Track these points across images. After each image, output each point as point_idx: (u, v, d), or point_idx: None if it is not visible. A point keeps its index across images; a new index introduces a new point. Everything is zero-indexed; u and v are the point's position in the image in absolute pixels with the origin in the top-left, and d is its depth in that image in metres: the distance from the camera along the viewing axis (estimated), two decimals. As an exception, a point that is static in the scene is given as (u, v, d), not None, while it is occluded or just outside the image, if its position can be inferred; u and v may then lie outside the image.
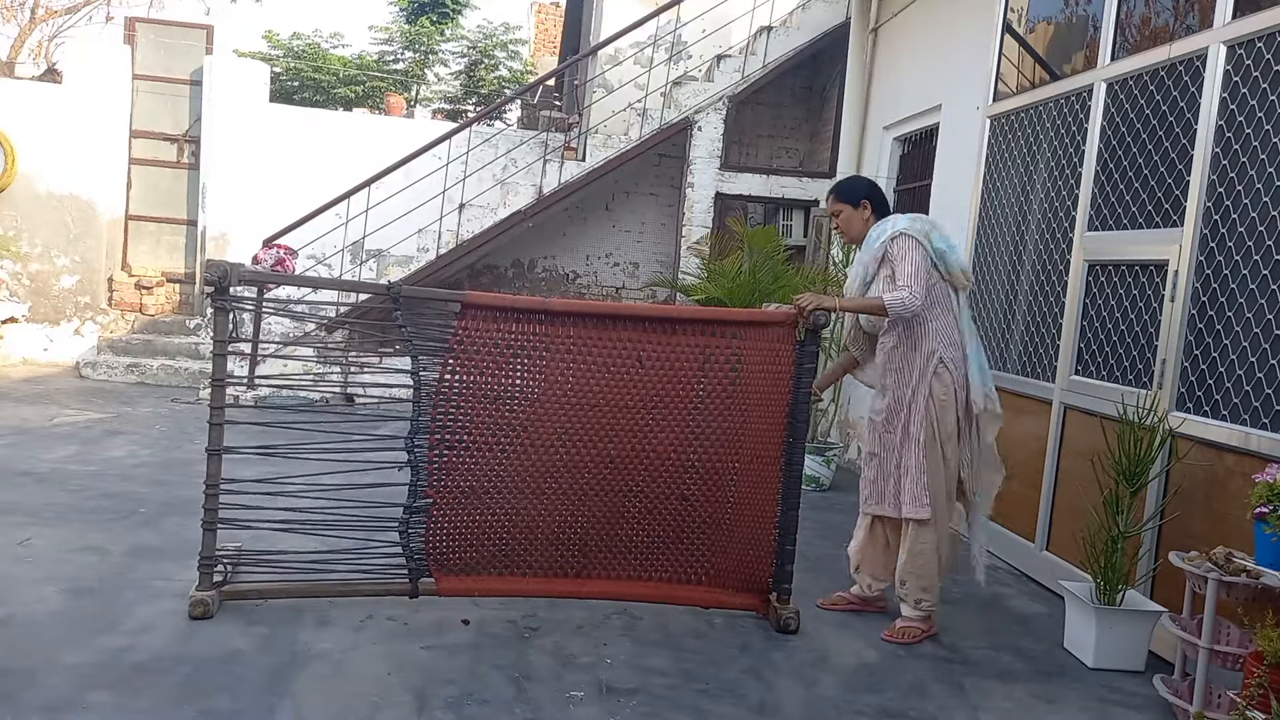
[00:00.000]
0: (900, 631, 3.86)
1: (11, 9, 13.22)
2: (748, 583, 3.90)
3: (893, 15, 7.43)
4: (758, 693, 3.26)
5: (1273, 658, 2.73)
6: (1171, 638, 3.43)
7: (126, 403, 7.73)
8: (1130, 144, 4.36)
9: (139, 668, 3.06)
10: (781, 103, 10.23)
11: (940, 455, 3.82)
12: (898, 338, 3.86)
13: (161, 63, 9.91)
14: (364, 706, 2.93)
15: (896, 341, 3.87)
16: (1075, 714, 3.32)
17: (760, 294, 7.11)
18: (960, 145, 6.07)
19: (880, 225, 3.93)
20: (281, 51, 18.43)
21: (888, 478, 3.92)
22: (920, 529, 3.83)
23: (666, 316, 3.83)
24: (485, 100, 18.47)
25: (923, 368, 3.82)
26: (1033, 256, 5.08)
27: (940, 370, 3.80)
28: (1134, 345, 4.20)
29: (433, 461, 3.58)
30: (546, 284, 10.09)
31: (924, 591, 3.86)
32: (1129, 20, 4.54)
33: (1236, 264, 3.64)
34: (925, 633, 3.88)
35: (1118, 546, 3.69)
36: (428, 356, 3.54)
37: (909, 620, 3.88)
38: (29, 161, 9.35)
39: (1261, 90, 3.59)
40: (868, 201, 4.02)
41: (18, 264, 9.45)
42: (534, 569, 3.76)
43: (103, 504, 4.82)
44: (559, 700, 3.09)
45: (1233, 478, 3.56)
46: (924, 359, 3.82)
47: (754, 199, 9.23)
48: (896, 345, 3.87)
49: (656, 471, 3.73)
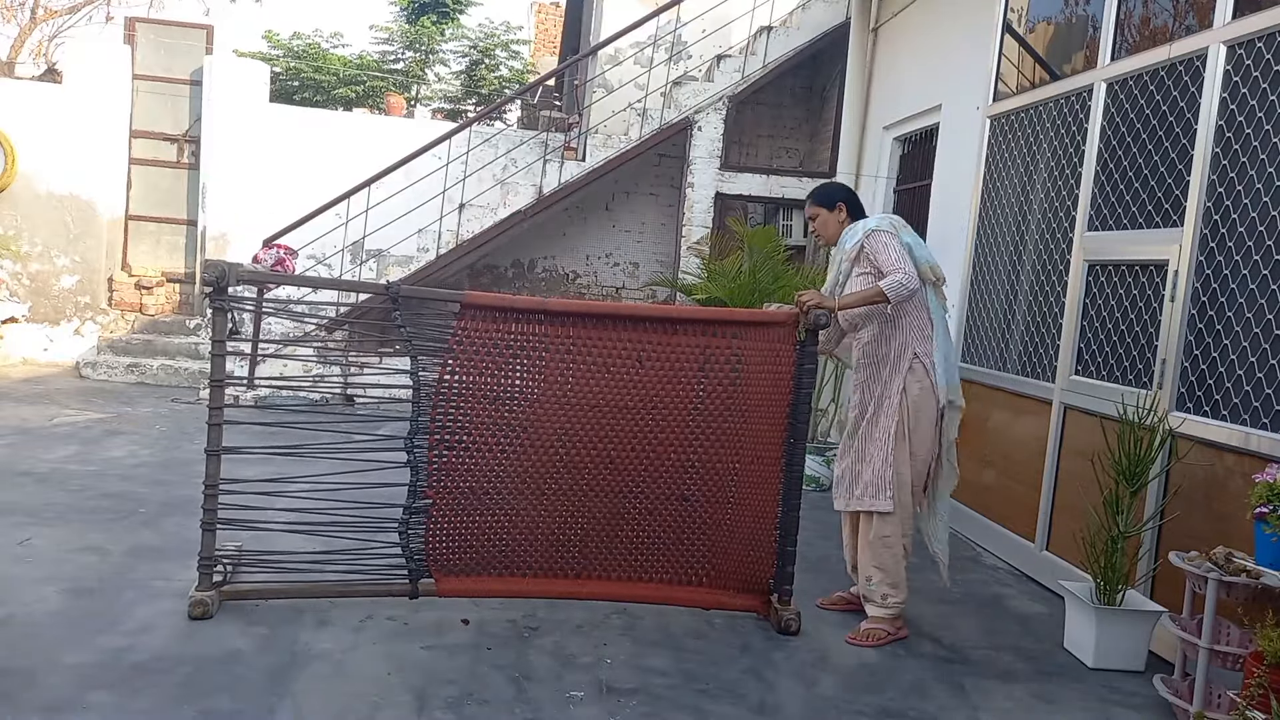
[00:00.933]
0: (865, 634, 3.82)
1: (11, 9, 13.22)
2: (748, 584, 3.90)
3: (893, 15, 7.43)
4: (758, 693, 3.26)
5: (1273, 658, 2.73)
6: (1171, 638, 3.43)
7: (126, 403, 7.73)
8: (1130, 144, 4.36)
9: (139, 668, 3.06)
10: (781, 103, 10.23)
11: (909, 450, 3.82)
12: (873, 333, 3.89)
13: (161, 63, 9.91)
14: (364, 706, 2.93)
15: (872, 337, 3.90)
16: (1075, 714, 3.32)
17: (760, 294, 7.11)
18: (960, 145, 6.07)
19: (854, 226, 4.03)
20: (281, 51, 18.44)
21: (854, 472, 3.93)
22: (883, 521, 3.82)
23: (666, 316, 3.83)
24: (485, 100, 18.48)
25: (895, 362, 3.85)
26: (1033, 256, 5.08)
27: (915, 366, 3.82)
28: (1134, 345, 4.19)
29: (432, 462, 3.58)
30: (546, 284, 10.09)
31: (891, 588, 3.83)
32: (1129, 20, 4.54)
33: (1236, 264, 3.64)
34: (892, 635, 3.82)
35: (1118, 546, 3.69)
36: (427, 357, 3.54)
37: (875, 621, 3.85)
38: (29, 161, 9.35)
39: (1261, 90, 3.59)
40: (843, 205, 4.12)
41: (18, 264, 9.45)
42: (534, 569, 3.76)
43: (103, 504, 4.82)
44: (559, 700, 3.09)
45: (1233, 478, 3.56)
46: (897, 354, 3.84)
47: (754, 199, 9.23)
48: (872, 340, 3.90)
49: (656, 472, 3.72)
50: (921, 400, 3.82)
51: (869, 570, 3.87)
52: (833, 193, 4.20)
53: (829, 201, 4.15)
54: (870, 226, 3.92)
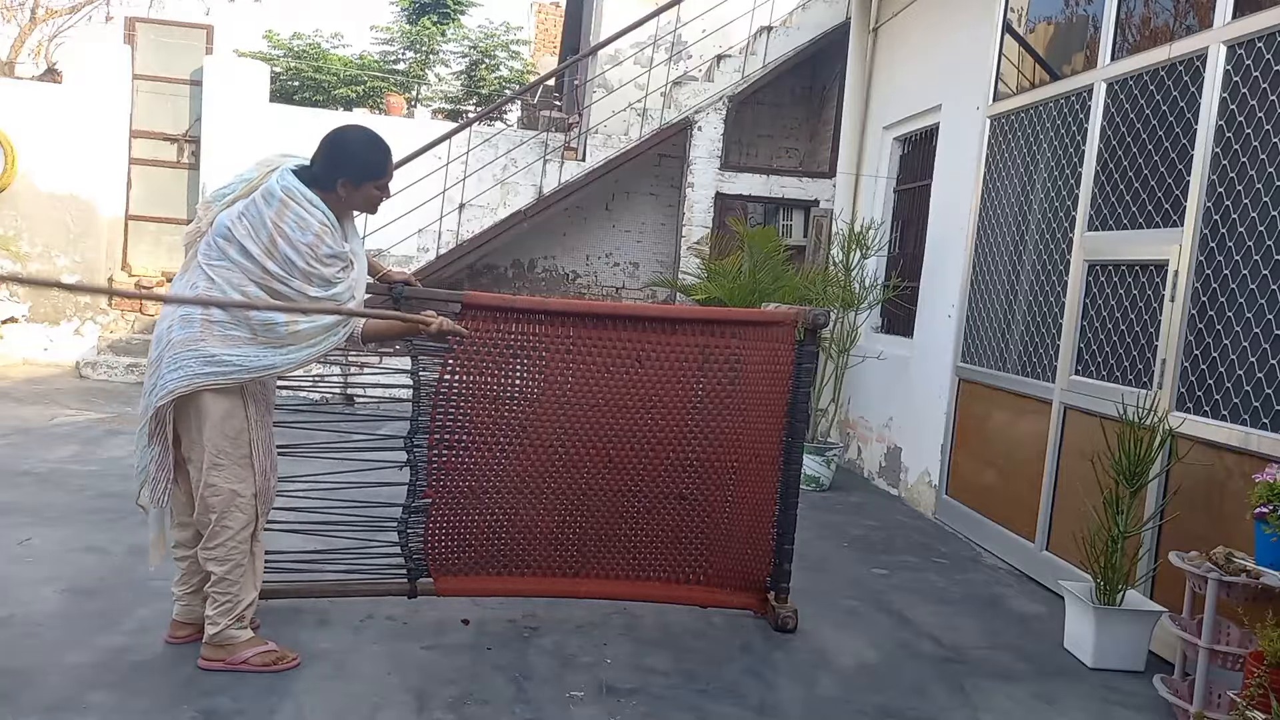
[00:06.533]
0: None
1: (11, 9, 13.22)
2: (746, 582, 3.90)
3: (893, 15, 7.43)
4: (758, 693, 3.26)
5: (1273, 658, 2.73)
6: (1171, 638, 3.43)
7: (126, 403, 7.72)
8: (1130, 144, 4.35)
9: (139, 668, 3.06)
10: (781, 103, 10.23)
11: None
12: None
13: (161, 63, 9.91)
14: (364, 706, 2.93)
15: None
16: (1075, 714, 3.32)
17: (760, 294, 7.11)
18: (960, 145, 6.06)
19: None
20: (282, 51, 18.42)
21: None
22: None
23: (666, 316, 3.82)
24: (486, 100, 18.47)
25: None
26: (1033, 256, 5.08)
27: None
28: (1134, 345, 4.19)
29: (432, 461, 3.58)
30: (546, 284, 10.09)
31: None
32: (1129, 20, 4.54)
33: (1236, 264, 3.64)
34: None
35: (1118, 546, 3.69)
36: (427, 356, 3.54)
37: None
38: (29, 161, 9.34)
39: (1261, 90, 3.59)
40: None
41: (18, 264, 9.45)
42: (533, 569, 3.76)
43: (103, 504, 4.82)
44: (559, 700, 3.09)
45: (1233, 478, 3.56)
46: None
47: (754, 199, 9.23)
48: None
49: (655, 471, 3.72)
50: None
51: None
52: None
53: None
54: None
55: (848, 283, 6.76)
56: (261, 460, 3.13)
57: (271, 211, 2.98)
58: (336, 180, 3.09)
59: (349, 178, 3.11)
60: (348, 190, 3.12)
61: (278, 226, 2.97)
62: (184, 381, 2.94)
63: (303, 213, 3.00)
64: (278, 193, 3.00)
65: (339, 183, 3.10)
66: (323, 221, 3.03)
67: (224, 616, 3.08)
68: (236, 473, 3.06)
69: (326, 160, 3.12)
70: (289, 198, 2.99)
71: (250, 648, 3.11)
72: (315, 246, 3.00)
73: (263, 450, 3.14)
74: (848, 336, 6.83)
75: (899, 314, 6.94)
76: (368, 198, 3.19)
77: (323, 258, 3.02)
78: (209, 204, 3.11)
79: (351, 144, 3.18)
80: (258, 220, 2.98)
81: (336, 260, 3.07)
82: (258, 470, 3.11)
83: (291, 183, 3.02)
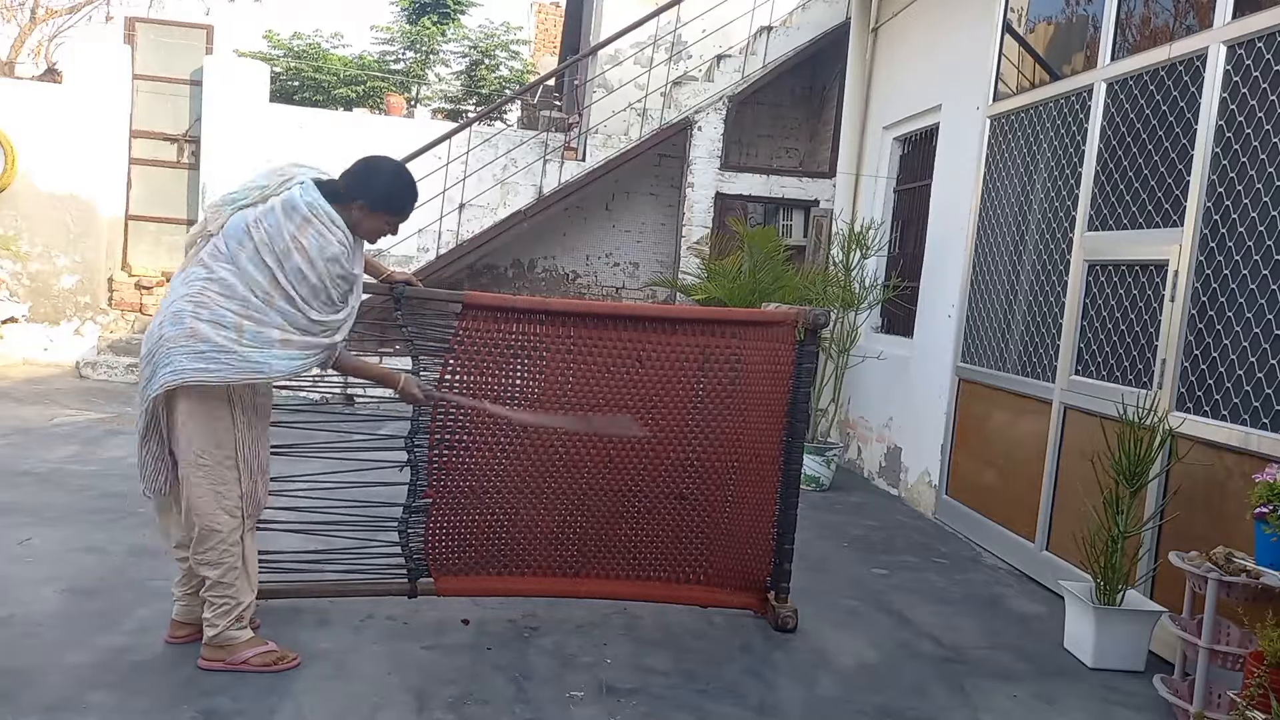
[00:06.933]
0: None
1: (11, 9, 13.23)
2: (746, 582, 3.90)
3: (893, 15, 7.43)
4: (758, 693, 3.26)
5: (1273, 658, 2.73)
6: (1171, 638, 3.43)
7: (126, 403, 7.72)
8: (1130, 144, 4.36)
9: (139, 668, 3.06)
10: (781, 103, 10.23)
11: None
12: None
13: (161, 63, 9.91)
14: (364, 706, 2.93)
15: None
16: (1075, 714, 3.32)
17: (760, 294, 7.11)
18: (960, 145, 6.07)
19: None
20: (282, 51, 18.43)
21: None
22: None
23: (666, 316, 3.83)
24: (486, 100, 18.48)
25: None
26: (1033, 256, 5.08)
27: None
28: (1134, 345, 4.20)
29: (432, 461, 3.58)
30: (546, 284, 10.09)
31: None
32: (1129, 20, 4.54)
33: (1236, 264, 3.64)
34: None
35: (1118, 546, 3.69)
36: (428, 356, 3.55)
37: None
38: (29, 161, 9.34)
39: (1261, 90, 3.59)
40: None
41: (18, 264, 9.45)
42: (533, 569, 3.76)
43: (103, 504, 4.82)
44: (559, 700, 3.09)
45: (1233, 478, 3.56)
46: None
47: (754, 199, 9.23)
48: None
49: (655, 471, 3.72)
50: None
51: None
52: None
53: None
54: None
55: (848, 283, 6.76)
56: (248, 463, 3.13)
57: (293, 225, 2.99)
58: (355, 200, 3.12)
59: (367, 201, 3.14)
60: (362, 213, 3.15)
61: (297, 240, 2.98)
62: (174, 376, 2.94)
63: (325, 231, 3.02)
64: (302, 208, 3.00)
65: (356, 203, 3.12)
66: (342, 242, 3.05)
67: (222, 619, 3.09)
68: (220, 474, 3.06)
69: (354, 179, 3.16)
70: (313, 214, 3.01)
71: (250, 648, 3.12)
72: (330, 266, 3.02)
73: (249, 454, 3.13)
74: (848, 336, 6.83)
75: (899, 314, 6.94)
76: (375, 227, 3.22)
77: (334, 278, 3.05)
78: (219, 207, 3.12)
79: (383, 171, 3.22)
80: (275, 230, 2.98)
81: (344, 282, 3.09)
82: (243, 472, 3.11)
83: (316, 199, 3.04)
